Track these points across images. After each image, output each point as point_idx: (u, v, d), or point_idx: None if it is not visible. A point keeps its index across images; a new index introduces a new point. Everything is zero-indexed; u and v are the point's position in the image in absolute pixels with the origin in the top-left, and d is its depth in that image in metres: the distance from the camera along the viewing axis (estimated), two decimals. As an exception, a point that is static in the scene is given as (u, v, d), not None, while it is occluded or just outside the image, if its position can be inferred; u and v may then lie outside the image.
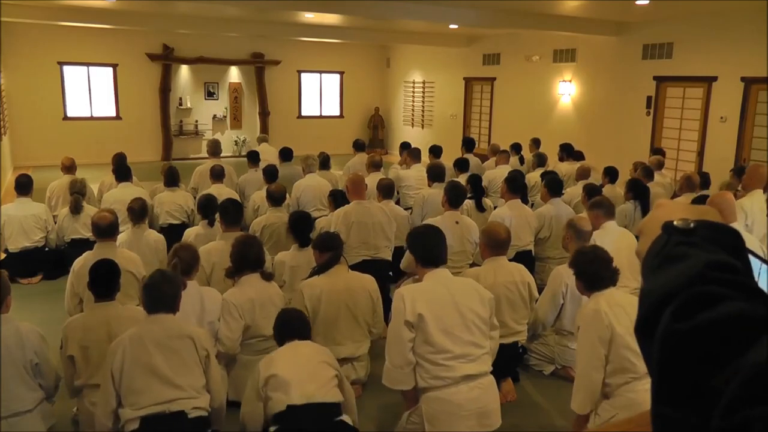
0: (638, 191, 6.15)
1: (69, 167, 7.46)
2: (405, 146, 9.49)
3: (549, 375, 4.36)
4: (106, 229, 4.49)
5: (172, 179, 6.81)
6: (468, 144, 9.43)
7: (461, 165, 7.77)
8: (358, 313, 3.97)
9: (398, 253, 5.24)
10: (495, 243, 4.02)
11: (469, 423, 3.12)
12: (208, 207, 5.34)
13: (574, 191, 6.98)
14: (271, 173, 6.94)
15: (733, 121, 9.00)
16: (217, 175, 6.96)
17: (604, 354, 3.05)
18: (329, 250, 3.99)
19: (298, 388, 2.95)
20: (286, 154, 8.57)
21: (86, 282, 3.59)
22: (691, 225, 0.70)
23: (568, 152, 9.14)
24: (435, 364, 3.08)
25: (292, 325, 3.23)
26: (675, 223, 0.71)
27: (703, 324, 0.58)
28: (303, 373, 3.01)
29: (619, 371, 3.06)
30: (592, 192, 5.73)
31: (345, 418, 3.06)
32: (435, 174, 6.42)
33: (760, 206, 5.20)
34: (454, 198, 5.11)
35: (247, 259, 3.87)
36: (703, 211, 0.75)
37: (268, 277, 3.94)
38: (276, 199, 5.69)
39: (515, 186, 5.67)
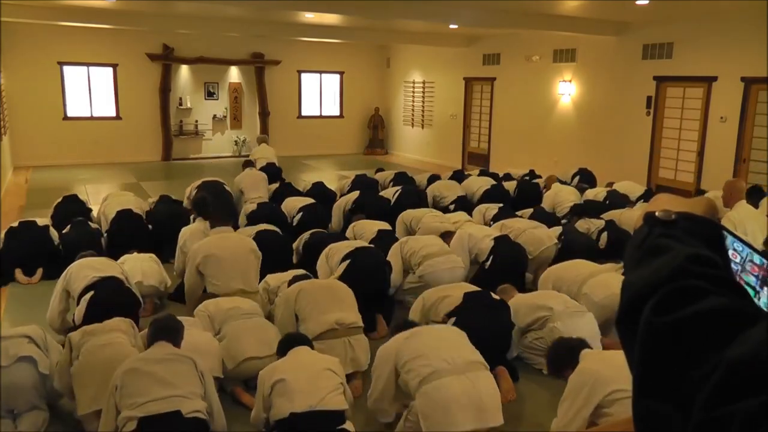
0: (582, 213, 6.97)
1: None
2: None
3: (549, 373, 4.35)
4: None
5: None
6: (431, 179, 9.78)
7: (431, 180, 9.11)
8: (338, 289, 4.20)
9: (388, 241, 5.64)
10: None
11: (464, 417, 3.04)
12: (202, 205, 5.68)
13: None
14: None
15: (733, 121, 9.00)
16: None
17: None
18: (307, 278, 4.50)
19: (302, 396, 2.96)
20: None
21: (81, 285, 3.90)
22: (673, 216, 0.70)
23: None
24: (423, 365, 3.15)
25: (295, 334, 3.50)
26: (657, 214, 0.71)
27: (684, 318, 0.59)
28: (307, 380, 3.03)
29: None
30: None
31: (348, 425, 3.06)
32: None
33: (747, 214, 5.18)
34: None
35: None
36: (693, 204, 0.75)
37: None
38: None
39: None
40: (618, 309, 0.67)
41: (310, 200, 7.38)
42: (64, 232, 6.29)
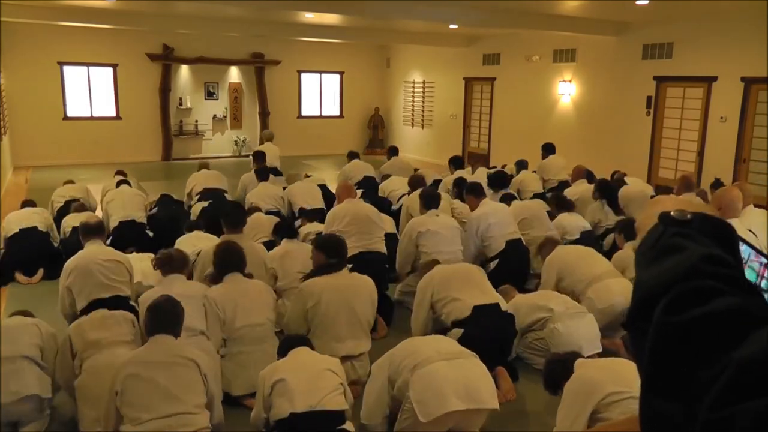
0: (605, 191, 6.78)
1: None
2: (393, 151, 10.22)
3: (547, 392, 4.34)
4: (95, 228, 4.64)
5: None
6: (456, 162, 9.12)
7: (456, 162, 8.85)
8: (358, 310, 4.01)
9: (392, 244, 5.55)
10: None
11: (456, 397, 3.07)
12: (195, 227, 5.87)
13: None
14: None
15: (733, 121, 9.00)
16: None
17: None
18: (335, 257, 4.11)
19: (302, 396, 2.95)
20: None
21: (85, 302, 4.00)
22: (688, 216, 0.70)
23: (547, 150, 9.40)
24: (414, 357, 3.23)
25: (295, 336, 3.49)
26: (672, 213, 0.71)
27: (697, 318, 0.59)
28: (307, 380, 3.02)
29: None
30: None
31: (348, 426, 3.06)
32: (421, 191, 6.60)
33: (756, 218, 5.14)
34: (428, 201, 5.53)
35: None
36: (698, 207, 0.75)
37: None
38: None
39: (471, 189, 6.07)
40: (629, 308, 0.67)
41: (315, 189, 7.40)
42: (62, 238, 6.32)
